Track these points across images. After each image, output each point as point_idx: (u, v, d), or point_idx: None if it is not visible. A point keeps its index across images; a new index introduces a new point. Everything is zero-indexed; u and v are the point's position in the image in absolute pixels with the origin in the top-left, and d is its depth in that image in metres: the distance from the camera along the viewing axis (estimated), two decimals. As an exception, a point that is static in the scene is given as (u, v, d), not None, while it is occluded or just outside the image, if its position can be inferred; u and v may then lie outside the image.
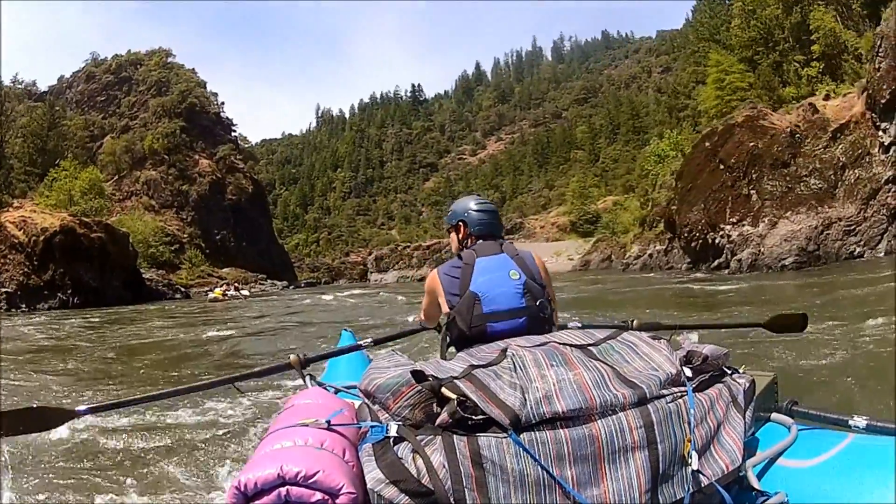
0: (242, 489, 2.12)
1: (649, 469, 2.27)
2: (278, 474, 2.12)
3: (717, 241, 39.58)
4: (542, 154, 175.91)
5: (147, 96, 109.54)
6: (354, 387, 3.29)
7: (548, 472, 2.18)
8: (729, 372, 2.82)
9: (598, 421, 2.29)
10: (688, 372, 2.64)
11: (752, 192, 37.85)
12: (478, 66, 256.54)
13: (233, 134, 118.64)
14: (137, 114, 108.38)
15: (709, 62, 70.08)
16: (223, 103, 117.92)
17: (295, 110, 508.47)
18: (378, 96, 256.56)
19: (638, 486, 2.25)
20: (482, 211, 4.01)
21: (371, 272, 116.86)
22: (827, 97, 43.80)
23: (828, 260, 33.28)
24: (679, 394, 2.49)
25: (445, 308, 3.66)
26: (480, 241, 3.86)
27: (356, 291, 53.90)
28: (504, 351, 2.67)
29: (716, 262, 39.15)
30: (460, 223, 4.04)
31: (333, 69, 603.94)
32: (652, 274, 46.33)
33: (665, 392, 2.46)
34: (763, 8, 62.43)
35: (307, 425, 2.47)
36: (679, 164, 58.71)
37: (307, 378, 3.84)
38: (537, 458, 2.18)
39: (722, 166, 41.08)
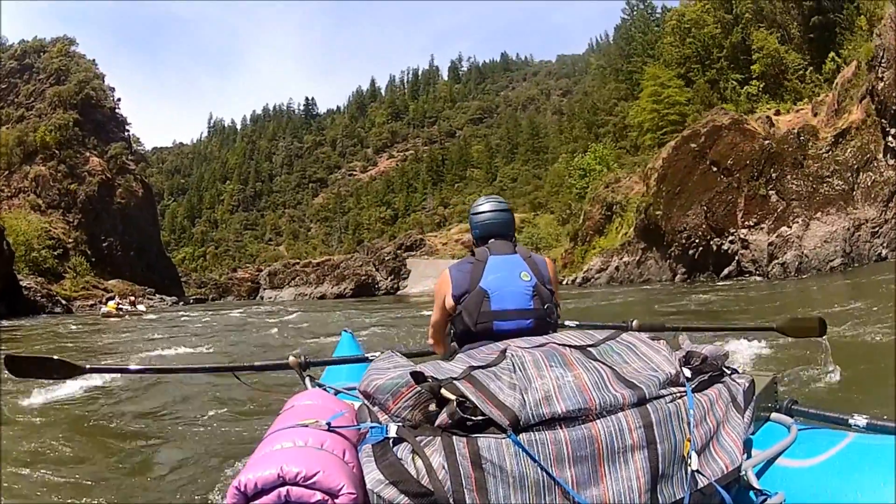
0: (242, 489, 2.14)
1: (649, 469, 2.28)
2: (278, 475, 2.15)
3: (724, 247, 38.65)
4: (437, 172, 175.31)
5: (46, 85, 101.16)
6: (354, 388, 3.31)
7: (547, 472, 2.18)
8: (728, 372, 2.82)
9: (598, 421, 2.29)
10: (687, 372, 2.64)
11: (770, 192, 36.99)
12: (373, 82, 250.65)
13: (126, 132, 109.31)
14: (34, 104, 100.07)
15: (644, 76, 71.34)
16: (119, 100, 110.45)
17: (187, 119, 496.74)
18: (271, 108, 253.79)
19: (637, 486, 2.26)
20: (487, 212, 3.99)
21: (264, 289, 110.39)
22: (777, 112, 47.19)
23: (861, 262, 32.96)
24: (678, 394, 2.49)
25: (450, 302, 3.64)
26: (493, 240, 3.83)
27: (263, 309, 53.19)
28: (503, 352, 2.66)
29: (725, 271, 38.40)
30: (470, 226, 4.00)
31: (227, 79, 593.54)
32: (626, 287, 43.74)
33: (664, 392, 2.46)
34: (700, 27, 65.73)
35: (307, 426, 2.48)
36: (605, 177, 66.95)
37: (307, 379, 3.83)
38: (537, 458, 2.19)
39: (715, 168, 40.64)
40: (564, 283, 59.68)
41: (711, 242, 39.10)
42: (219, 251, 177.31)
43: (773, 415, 3.11)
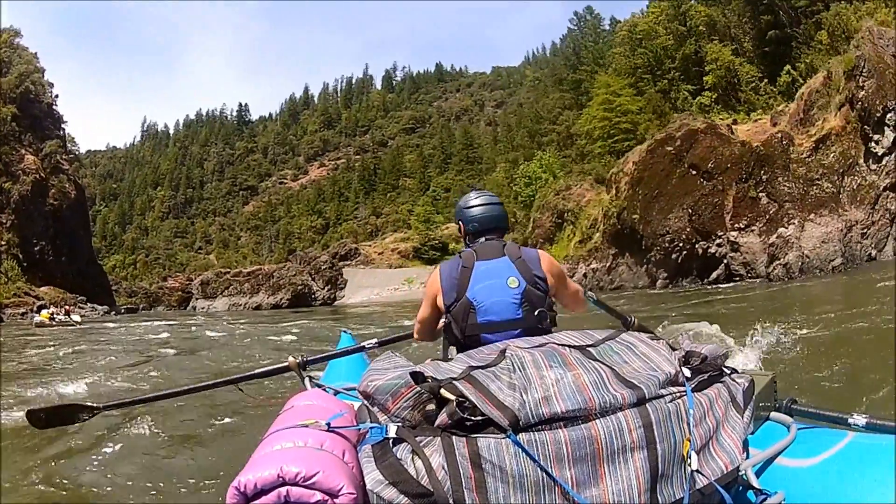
0: (242, 489, 2.19)
1: (648, 469, 2.34)
2: (278, 475, 2.20)
3: (710, 250, 38.31)
4: (369, 181, 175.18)
5: None
6: (354, 388, 3.40)
7: (547, 472, 2.24)
8: (728, 372, 2.89)
9: (597, 421, 2.35)
10: (686, 372, 2.70)
11: (760, 194, 36.81)
12: (306, 89, 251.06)
13: (62, 131, 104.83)
14: None
15: (595, 84, 71.57)
16: (57, 96, 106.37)
17: (120, 122, 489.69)
18: (204, 113, 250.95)
19: (637, 486, 2.32)
20: (478, 206, 3.99)
21: (196, 298, 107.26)
22: (735, 122, 48.39)
23: (853, 262, 33.20)
24: (678, 394, 2.55)
25: (443, 308, 3.66)
26: (482, 239, 3.86)
27: (201, 320, 50.72)
28: (503, 352, 2.71)
29: (714, 275, 37.89)
30: (459, 222, 4.06)
31: (162, 81, 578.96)
32: (598, 295, 40.69)
33: (664, 392, 2.52)
34: (652, 38, 66.85)
35: (307, 427, 2.53)
36: (554, 185, 66.70)
37: (307, 380, 3.89)
38: (536, 458, 2.25)
39: (694, 171, 40.43)
40: None
41: (697, 246, 38.61)
42: (149, 259, 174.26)
43: (773, 414, 3.14)
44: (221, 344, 23.79)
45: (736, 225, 36.61)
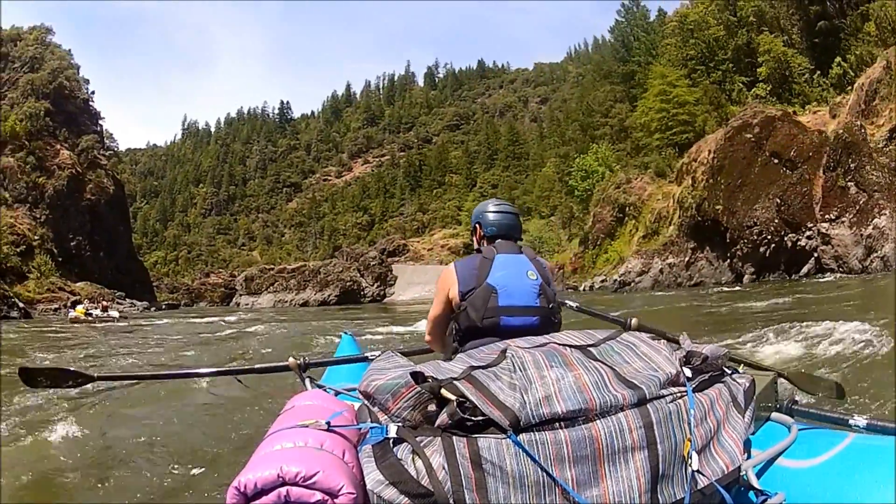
0: (242, 489, 2.21)
1: (649, 469, 2.36)
2: (278, 475, 2.21)
3: (799, 242, 37.26)
4: (415, 177, 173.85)
5: (20, 73, 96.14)
6: (354, 389, 3.41)
7: (547, 473, 2.26)
8: (729, 372, 2.91)
9: (598, 422, 2.36)
10: (687, 372, 2.72)
11: (849, 183, 35.46)
12: (348, 87, 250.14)
13: (99, 126, 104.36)
14: (7, 93, 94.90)
15: (650, 75, 70.03)
16: (93, 92, 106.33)
17: (161, 121, 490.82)
18: (245, 111, 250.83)
19: (638, 486, 2.34)
20: (498, 213, 4.09)
21: (240, 294, 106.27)
22: (794, 114, 46.91)
23: None
24: (679, 394, 2.57)
25: (456, 299, 3.70)
26: (499, 240, 3.91)
27: (248, 317, 49.94)
28: (503, 352, 2.73)
29: (805, 269, 36.88)
30: (477, 224, 4.13)
31: (201, 80, 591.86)
32: (677, 292, 41.01)
33: (665, 392, 2.54)
34: (703, 28, 65.91)
35: (307, 427, 2.53)
36: (613, 178, 66.39)
37: (307, 380, 3.90)
38: (537, 459, 2.26)
39: (776, 160, 39.78)
40: (575, 290, 58.56)
41: (786, 238, 37.61)
42: (191, 255, 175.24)
43: (774, 414, 3.13)
44: (261, 342, 23.34)
45: (826, 216, 35.51)
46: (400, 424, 2.43)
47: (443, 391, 2.40)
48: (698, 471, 2.39)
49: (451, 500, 2.20)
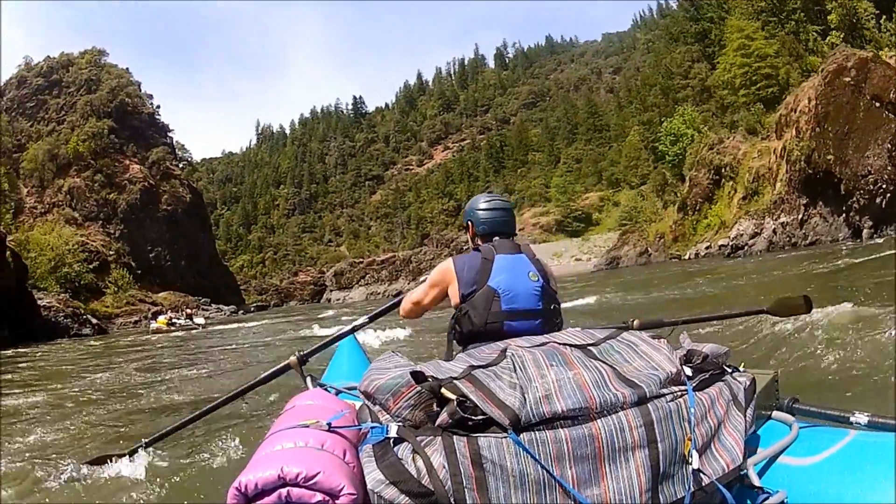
0: (243, 490, 2.22)
1: (650, 468, 2.36)
2: (279, 475, 2.22)
3: None
4: (497, 159, 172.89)
5: (76, 97, 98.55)
6: (355, 388, 3.40)
7: (548, 471, 2.26)
8: (729, 370, 2.89)
9: (598, 420, 2.37)
10: (688, 371, 2.71)
11: None
12: (419, 75, 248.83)
13: (169, 138, 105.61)
14: (65, 117, 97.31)
15: (727, 29, 68.40)
16: (159, 106, 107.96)
17: (233, 129, 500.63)
18: (319, 110, 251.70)
19: (638, 485, 2.34)
20: (489, 209, 3.99)
21: (331, 290, 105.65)
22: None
23: None
24: (679, 393, 2.56)
25: (456, 299, 3.68)
26: (497, 238, 3.85)
27: (334, 312, 50.32)
28: (504, 351, 2.74)
29: None
30: (469, 222, 4.06)
31: (269, 85, 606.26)
32: (792, 253, 37.92)
33: (665, 391, 2.54)
34: None
35: (308, 427, 2.54)
36: (705, 139, 64.89)
37: (308, 379, 3.88)
38: (537, 458, 2.27)
39: (878, 103, 37.93)
40: (679, 259, 57.23)
41: None
42: (278, 256, 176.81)
43: (775, 413, 3.10)
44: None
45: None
46: (400, 424, 2.44)
47: (443, 390, 2.40)
48: (699, 469, 2.39)
49: (451, 500, 2.20)
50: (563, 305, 3.81)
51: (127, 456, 4.78)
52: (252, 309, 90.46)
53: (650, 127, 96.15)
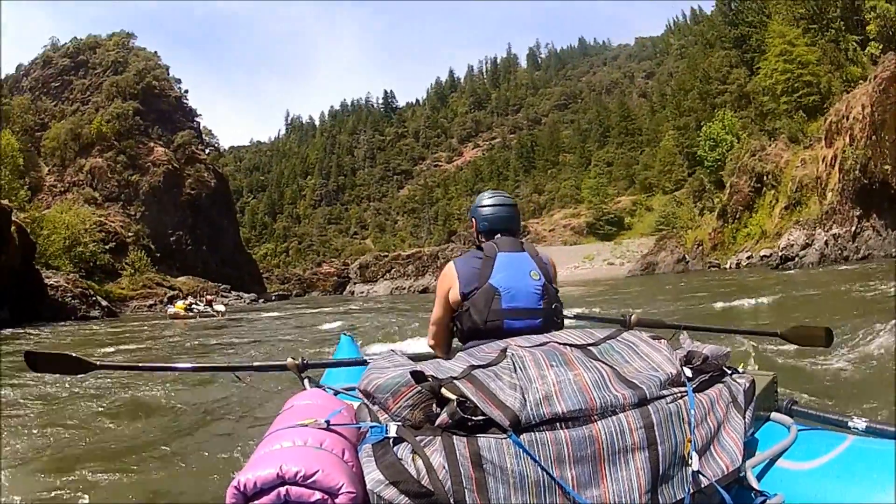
0: (242, 489, 2.22)
1: (649, 470, 2.37)
2: (278, 474, 2.22)
3: None
4: (528, 158, 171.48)
5: (103, 78, 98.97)
6: (354, 388, 3.36)
7: (548, 473, 2.27)
8: (729, 372, 2.89)
9: (599, 422, 2.37)
10: (688, 372, 2.71)
11: None
12: (451, 73, 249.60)
13: (195, 122, 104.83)
14: (90, 97, 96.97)
15: (769, 34, 67.75)
16: (186, 91, 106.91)
17: (264, 119, 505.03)
18: (349, 103, 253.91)
19: (638, 486, 2.35)
20: (492, 206, 3.96)
21: (355, 283, 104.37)
22: None
23: None
24: (679, 394, 2.57)
25: (456, 298, 3.63)
26: (499, 236, 3.81)
27: (370, 305, 48.96)
28: (504, 351, 2.73)
29: None
30: (472, 219, 4.04)
31: (300, 77, 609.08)
32: (844, 266, 36.01)
33: (665, 392, 2.55)
34: None
35: (306, 426, 2.55)
36: (746, 146, 63.97)
37: (306, 380, 3.90)
38: (537, 459, 2.27)
39: None
40: (718, 267, 56.44)
41: None
42: (302, 246, 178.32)
43: (773, 415, 3.11)
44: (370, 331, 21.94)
45: None
46: (400, 424, 2.42)
47: (443, 390, 2.40)
48: (698, 471, 2.39)
49: (451, 500, 2.20)
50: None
51: (76, 369, 4.15)
52: (273, 298, 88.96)
53: (685, 132, 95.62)
